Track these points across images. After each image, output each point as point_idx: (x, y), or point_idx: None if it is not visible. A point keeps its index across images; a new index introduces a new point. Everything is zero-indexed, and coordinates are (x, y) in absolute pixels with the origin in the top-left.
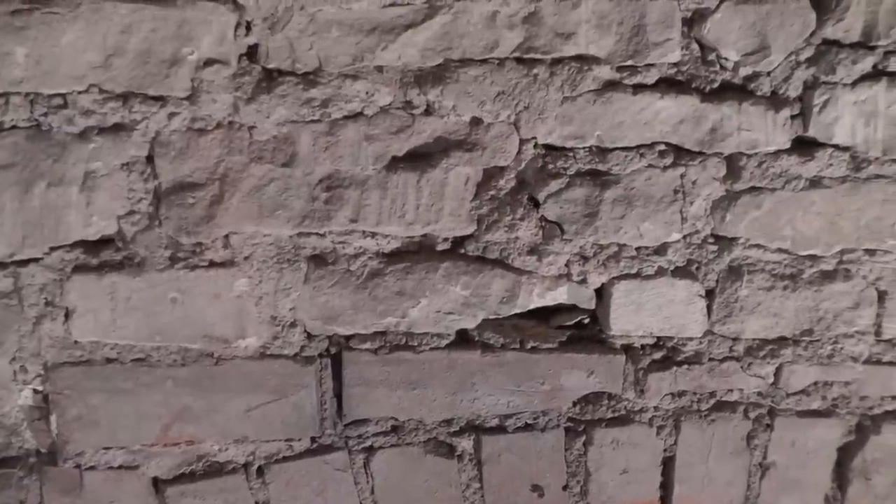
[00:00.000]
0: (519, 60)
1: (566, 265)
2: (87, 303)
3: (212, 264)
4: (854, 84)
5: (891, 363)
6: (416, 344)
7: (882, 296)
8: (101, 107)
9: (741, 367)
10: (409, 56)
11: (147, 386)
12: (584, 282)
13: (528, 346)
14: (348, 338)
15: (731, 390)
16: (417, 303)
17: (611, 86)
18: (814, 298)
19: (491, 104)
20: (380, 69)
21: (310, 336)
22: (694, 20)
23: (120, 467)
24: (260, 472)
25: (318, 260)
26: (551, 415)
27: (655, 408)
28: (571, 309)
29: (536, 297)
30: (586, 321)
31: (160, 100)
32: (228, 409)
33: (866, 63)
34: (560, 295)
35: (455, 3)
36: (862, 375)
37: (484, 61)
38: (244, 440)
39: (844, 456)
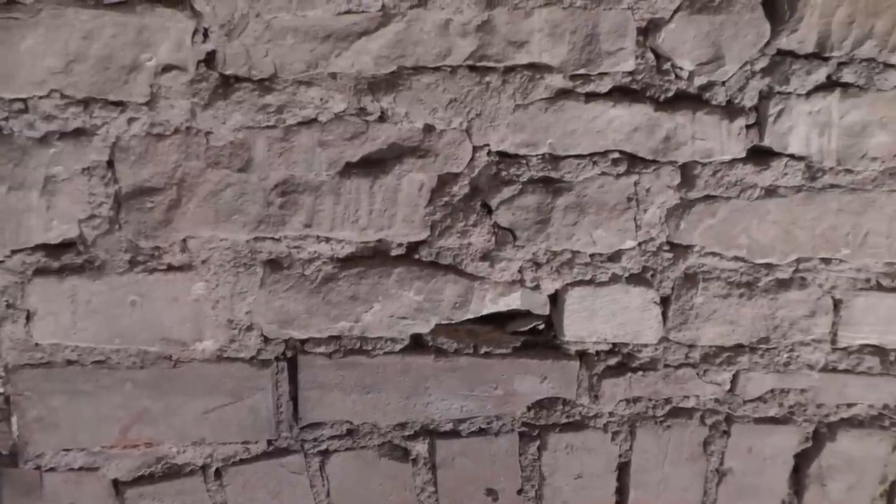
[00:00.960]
0: (472, 68)
1: (519, 271)
2: (47, 305)
3: (170, 268)
4: (808, 94)
5: (846, 371)
6: (370, 348)
7: (837, 304)
8: (63, 112)
9: (697, 374)
10: (363, 63)
11: (107, 388)
12: (537, 288)
13: (482, 351)
14: (304, 342)
15: (687, 397)
16: (371, 307)
17: (563, 94)
18: (770, 306)
19: (443, 111)
20: (334, 76)
21: (266, 340)
22: (649, 29)
23: (80, 469)
24: (218, 474)
25: (273, 264)
26: (505, 419)
27: (610, 413)
28: (527, 315)
29: (489, 303)
30: (541, 327)
31: (120, 105)
32: (186, 412)
33: (820, 74)
34: (513, 301)
35: (409, 12)
36: (818, 383)
37: (437, 69)
38: (202, 442)
39: (801, 462)
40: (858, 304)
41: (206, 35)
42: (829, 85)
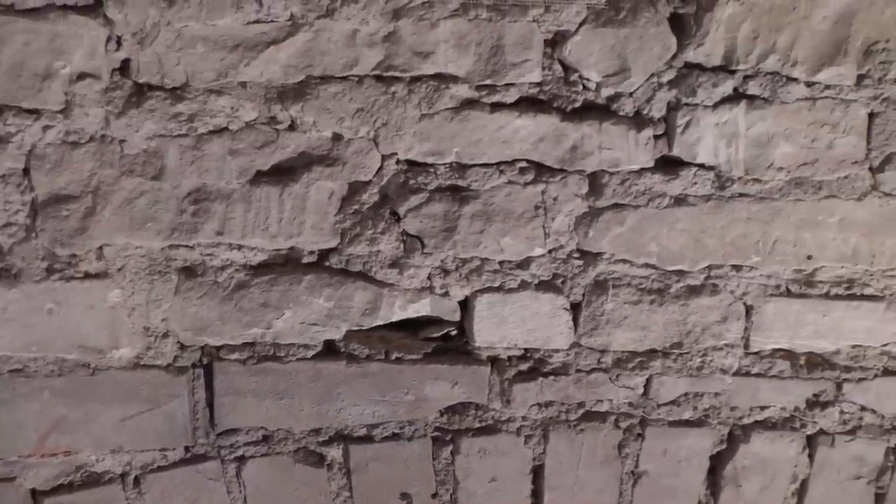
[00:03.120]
0: (378, 78)
1: (428, 278)
2: None
3: (86, 276)
4: (715, 106)
5: (759, 375)
6: (283, 355)
7: (749, 310)
8: None
9: (610, 379)
10: (272, 72)
11: (24, 396)
12: (446, 294)
13: (393, 356)
14: (219, 348)
15: (600, 401)
16: (282, 314)
17: (469, 104)
18: (681, 312)
19: (350, 120)
20: (244, 85)
21: (182, 347)
22: (556, 41)
23: None
24: (136, 481)
25: (187, 272)
26: (418, 424)
27: (523, 418)
28: (440, 321)
29: (398, 310)
30: (453, 333)
31: (35, 113)
32: (104, 419)
33: (727, 86)
34: (422, 307)
35: (316, 22)
36: (731, 387)
37: (344, 78)
38: (120, 450)
39: (716, 464)
40: (769, 310)
41: (119, 43)
42: (736, 97)
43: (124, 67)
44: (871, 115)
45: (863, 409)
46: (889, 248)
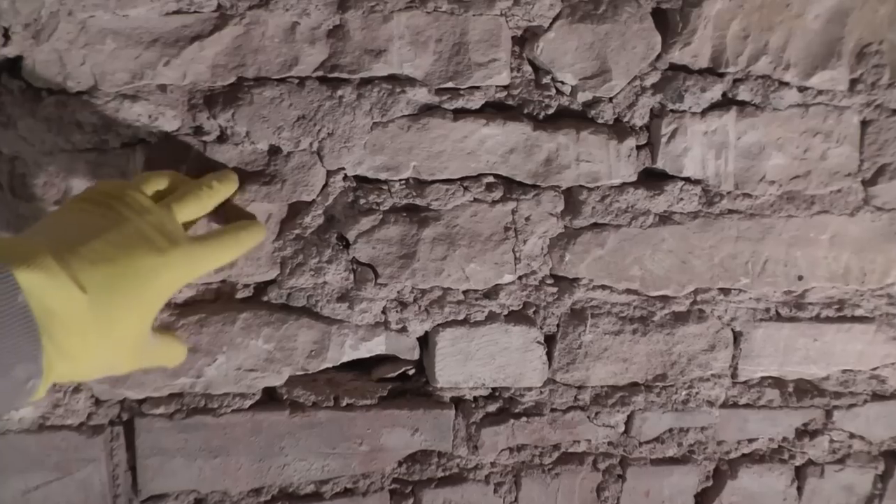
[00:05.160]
0: (322, 80)
1: (383, 312)
2: None
3: None
4: (703, 113)
5: (747, 406)
6: (216, 406)
7: (737, 337)
8: None
9: (588, 417)
10: (197, 73)
11: None
12: (403, 330)
13: (343, 403)
14: (141, 402)
15: (577, 441)
16: (214, 360)
17: (428, 110)
18: (666, 342)
19: (289, 130)
20: (163, 88)
21: (98, 402)
22: (526, 39)
23: None
24: None
25: None
26: (374, 477)
27: (492, 464)
28: (396, 359)
29: (349, 350)
30: (411, 372)
31: None
32: (3, 492)
33: (715, 91)
34: (377, 346)
35: (248, 13)
36: (718, 420)
37: (282, 80)
38: None
39: (702, 501)
40: (758, 336)
41: (7, 37)
42: (725, 103)
43: (15, 67)
44: (864, 123)
45: (852, 436)
46: (880, 265)
